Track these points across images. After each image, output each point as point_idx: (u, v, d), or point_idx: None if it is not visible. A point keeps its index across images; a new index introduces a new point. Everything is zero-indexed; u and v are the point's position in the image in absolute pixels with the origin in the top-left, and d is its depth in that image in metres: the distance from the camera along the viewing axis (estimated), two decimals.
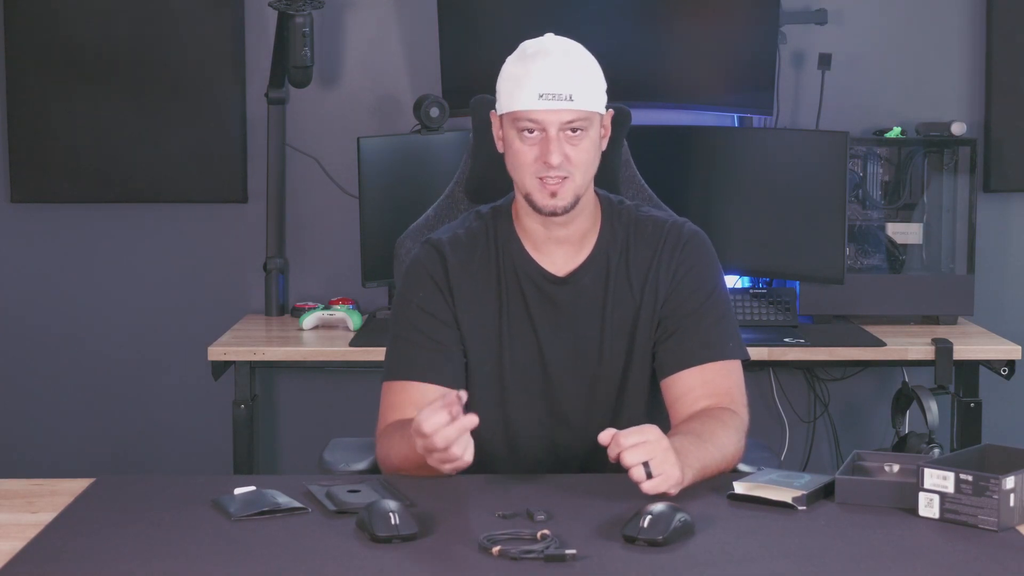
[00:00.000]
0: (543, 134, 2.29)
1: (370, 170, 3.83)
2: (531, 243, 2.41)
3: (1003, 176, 4.18)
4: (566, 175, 2.30)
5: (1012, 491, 1.97)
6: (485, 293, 2.40)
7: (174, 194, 4.19)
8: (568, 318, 2.40)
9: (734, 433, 2.30)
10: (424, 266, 2.42)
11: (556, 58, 2.31)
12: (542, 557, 1.85)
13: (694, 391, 2.35)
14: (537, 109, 2.28)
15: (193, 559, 1.88)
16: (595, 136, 2.34)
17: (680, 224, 2.46)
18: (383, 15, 4.19)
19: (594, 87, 2.34)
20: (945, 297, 3.94)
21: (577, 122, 2.29)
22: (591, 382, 2.41)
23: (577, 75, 2.31)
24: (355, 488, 2.11)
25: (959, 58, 4.20)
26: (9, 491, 2.21)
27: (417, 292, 2.41)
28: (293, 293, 4.21)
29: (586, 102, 2.30)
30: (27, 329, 4.25)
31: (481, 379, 2.40)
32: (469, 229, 2.44)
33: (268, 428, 4.22)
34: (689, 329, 2.38)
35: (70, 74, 4.12)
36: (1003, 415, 4.14)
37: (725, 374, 2.38)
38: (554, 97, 2.28)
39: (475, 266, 2.41)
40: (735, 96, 4.03)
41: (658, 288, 2.40)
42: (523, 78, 2.30)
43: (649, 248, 2.42)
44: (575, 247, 2.41)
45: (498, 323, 2.40)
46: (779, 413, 4.23)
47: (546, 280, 2.40)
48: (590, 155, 2.33)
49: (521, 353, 2.40)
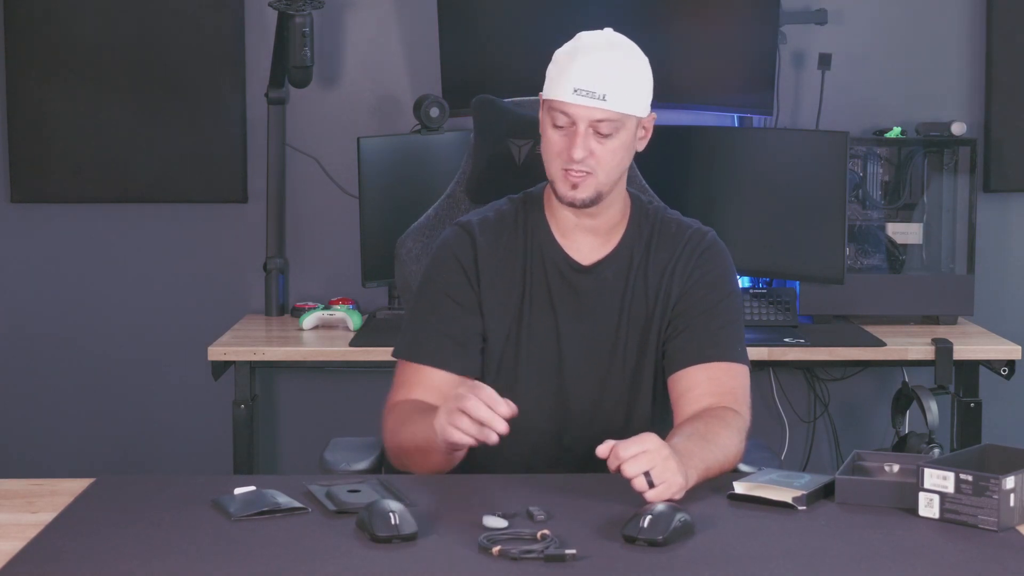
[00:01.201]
0: (573, 127, 2.30)
1: (370, 170, 3.83)
2: (559, 230, 2.43)
3: (1003, 176, 4.18)
4: (589, 171, 2.31)
5: (1012, 491, 1.97)
6: (511, 275, 2.42)
7: (174, 194, 4.19)
8: (588, 308, 2.41)
9: (736, 433, 2.30)
10: (452, 249, 2.43)
11: (600, 55, 2.32)
12: (542, 557, 1.85)
13: (699, 387, 2.36)
14: (570, 103, 2.29)
15: (193, 559, 1.88)
16: (627, 138, 2.34)
17: (704, 232, 2.48)
18: (383, 15, 4.19)
19: (633, 89, 2.34)
20: (945, 297, 3.94)
21: (606, 123, 2.30)
22: (603, 375, 2.42)
23: (616, 75, 2.31)
24: (355, 488, 2.11)
25: (959, 58, 4.20)
26: (9, 491, 2.21)
27: (443, 275, 2.42)
28: (293, 293, 4.21)
29: (620, 104, 2.30)
30: (27, 329, 4.25)
31: (497, 360, 2.41)
32: (499, 212, 2.46)
33: (268, 428, 4.22)
34: (698, 328, 2.39)
35: (70, 74, 4.13)
36: (1003, 415, 4.14)
37: (731, 375, 2.39)
38: (588, 94, 2.28)
39: (503, 248, 2.42)
40: (735, 96, 4.03)
41: (671, 289, 2.41)
42: (565, 69, 2.31)
43: (669, 249, 2.44)
44: (602, 239, 2.43)
45: (520, 305, 2.41)
46: (779, 413, 4.23)
47: (571, 268, 2.42)
48: (618, 155, 2.33)
49: (539, 337, 2.41)
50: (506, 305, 2.41)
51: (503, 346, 2.41)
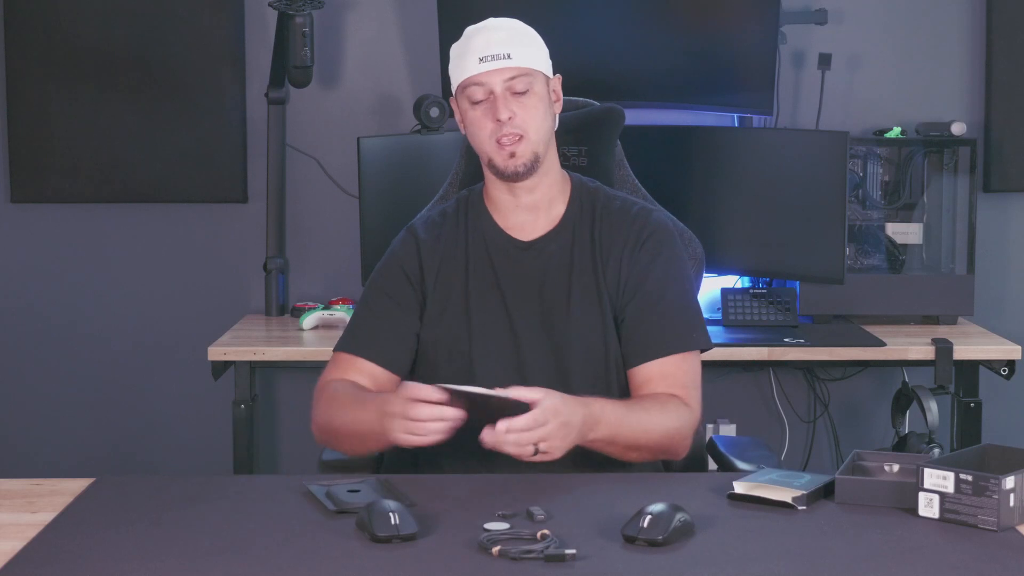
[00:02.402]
0: (491, 96, 2.39)
1: (370, 170, 3.83)
2: (499, 213, 2.49)
3: (1003, 176, 4.18)
4: (520, 133, 2.38)
5: (1012, 491, 1.97)
6: (454, 264, 2.48)
7: (174, 194, 4.19)
8: (535, 286, 2.45)
9: (671, 416, 2.35)
10: (397, 254, 2.52)
11: (492, 29, 2.43)
12: (542, 557, 1.85)
13: (652, 382, 2.42)
14: (480, 72, 2.39)
15: (193, 559, 1.88)
16: (542, 94, 2.42)
17: (648, 211, 2.51)
18: (383, 15, 4.19)
19: (533, 48, 2.43)
20: (945, 297, 3.94)
21: (519, 78, 2.38)
22: (559, 350, 2.43)
23: (513, 37, 2.41)
24: (355, 488, 2.11)
25: (959, 58, 4.21)
26: (9, 491, 2.21)
27: (383, 277, 2.51)
28: (293, 293, 4.21)
29: (525, 59, 2.40)
30: (27, 329, 4.25)
31: (449, 345, 2.45)
32: (443, 210, 2.55)
33: (268, 428, 4.22)
34: (652, 322, 2.43)
35: (70, 74, 4.13)
36: (1003, 415, 4.14)
37: (684, 366, 2.43)
38: (493, 58, 2.39)
39: (444, 241, 2.49)
40: (735, 96, 4.03)
41: (620, 271, 2.45)
42: (464, 51, 2.42)
43: (614, 226, 2.47)
44: (542, 214, 2.47)
45: (465, 289, 2.46)
46: (779, 413, 4.23)
47: (513, 246, 2.47)
48: (539, 111, 2.40)
49: (489, 320, 2.44)
50: (452, 293, 2.46)
51: (455, 331, 2.45)
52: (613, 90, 3.78)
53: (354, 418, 2.34)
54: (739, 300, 3.90)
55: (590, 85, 3.53)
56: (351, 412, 2.36)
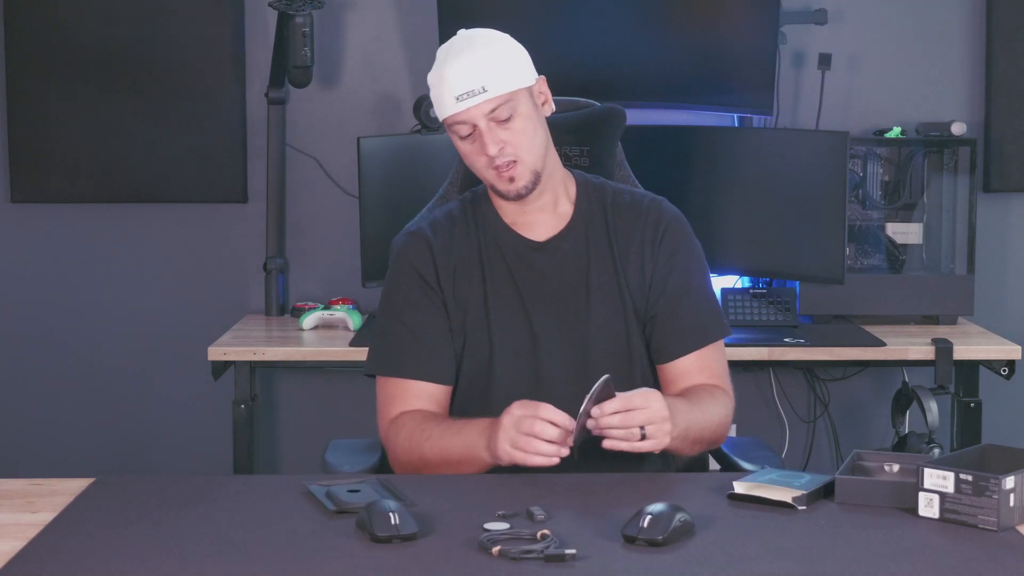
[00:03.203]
0: (476, 130, 2.35)
1: (370, 170, 3.83)
2: (509, 217, 2.48)
3: (1003, 176, 4.18)
4: (513, 158, 2.36)
5: (1012, 491, 1.97)
6: (469, 266, 2.45)
7: (174, 194, 4.19)
8: (553, 286, 2.44)
9: (722, 407, 2.40)
10: (408, 257, 2.47)
11: (463, 57, 2.35)
12: (542, 557, 1.85)
13: (690, 375, 2.43)
14: (459, 111, 2.34)
15: (193, 559, 1.88)
16: (527, 110, 2.37)
17: (658, 201, 2.51)
18: (383, 15, 4.19)
19: (506, 67, 2.36)
20: (945, 297, 3.94)
21: (500, 108, 2.34)
22: (578, 350, 2.42)
23: (482, 64, 2.34)
24: (355, 488, 2.11)
25: (959, 58, 4.21)
26: (9, 491, 2.20)
27: (401, 284, 2.46)
28: (293, 293, 4.21)
29: (501, 85, 2.34)
30: (27, 329, 4.25)
31: (471, 348, 2.43)
32: (447, 211, 2.51)
33: (268, 428, 4.22)
34: (682, 314, 2.44)
35: (70, 74, 4.13)
36: (1003, 415, 4.14)
37: (716, 355, 2.46)
38: (468, 95, 2.33)
39: (458, 243, 2.46)
40: (735, 96, 4.03)
41: (643, 267, 2.45)
42: (440, 86, 2.36)
43: (628, 219, 2.47)
44: (551, 215, 2.47)
45: (483, 291, 2.44)
46: (779, 413, 4.23)
47: (527, 247, 2.45)
48: (528, 130, 2.37)
49: (508, 319, 2.43)
50: (470, 295, 2.44)
51: (477, 333, 2.43)
52: (614, 90, 3.78)
53: (445, 446, 2.31)
54: (739, 300, 3.90)
55: (591, 85, 3.54)
56: (440, 442, 2.32)
